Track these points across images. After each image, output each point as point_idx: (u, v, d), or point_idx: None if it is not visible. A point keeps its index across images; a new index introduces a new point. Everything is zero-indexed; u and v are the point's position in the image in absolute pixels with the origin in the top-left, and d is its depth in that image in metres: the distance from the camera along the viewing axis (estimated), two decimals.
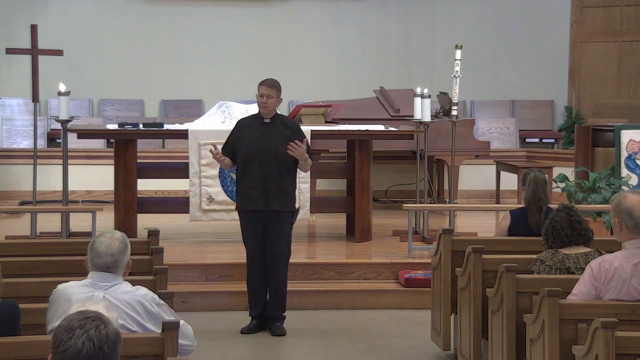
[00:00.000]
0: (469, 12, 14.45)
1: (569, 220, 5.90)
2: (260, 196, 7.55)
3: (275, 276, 7.67)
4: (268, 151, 7.57)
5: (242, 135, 7.68)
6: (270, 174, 7.56)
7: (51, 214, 10.20)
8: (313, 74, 14.15)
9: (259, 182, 7.55)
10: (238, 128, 7.80)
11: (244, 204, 7.67)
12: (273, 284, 7.69)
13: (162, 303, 4.74)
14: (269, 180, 7.56)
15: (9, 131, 13.44)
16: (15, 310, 4.51)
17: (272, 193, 7.56)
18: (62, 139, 9.62)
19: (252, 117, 7.86)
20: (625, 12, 13.80)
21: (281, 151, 7.55)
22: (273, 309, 7.71)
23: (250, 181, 7.58)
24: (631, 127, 10.20)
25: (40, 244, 6.88)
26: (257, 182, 7.55)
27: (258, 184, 7.55)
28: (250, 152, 7.60)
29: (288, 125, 7.74)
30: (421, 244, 9.70)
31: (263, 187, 7.55)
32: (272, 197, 7.56)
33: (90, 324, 3.07)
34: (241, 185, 7.67)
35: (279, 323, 7.68)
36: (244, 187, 7.63)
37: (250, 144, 7.62)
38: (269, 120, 7.68)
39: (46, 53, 9.97)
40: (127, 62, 14.05)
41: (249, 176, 7.59)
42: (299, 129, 7.81)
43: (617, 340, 4.56)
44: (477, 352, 6.40)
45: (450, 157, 10.39)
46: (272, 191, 7.56)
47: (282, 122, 7.74)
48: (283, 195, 7.61)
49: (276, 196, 7.57)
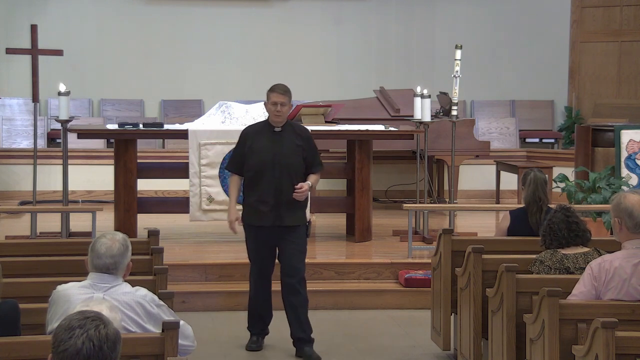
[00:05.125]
0: (469, 12, 14.45)
1: (567, 221, 5.90)
2: (271, 211, 7.02)
3: (298, 294, 7.14)
4: (280, 163, 7.02)
5: (252, 145, 7.09)
6: (283, 187, 7.01)
7: (51, 214, 10.20)
8: (313, 74, 14.14)
9: (270, 196, 7.03)
10: (246, 138, 7.16)
11: (251, 218, 7.13)
12: (298, 302, 7.13)
13: (162, 304, 4.74)
14: (281, 193, 7.01)
15: (9, 131, 13.44)
16: (16, 310, 4.51)
17: (284, 207, 7.02)
18: (62, 139, 9.62)
19: (260, 125, 7.24)
20: (625, 12, 13.80)
21: (294, 163, 7.05)
22: (303, 331, 7.15)
23: (261, 195, 7.04)
24: (631, 127, 10.20)
25: (40, 244, 6.88)
26: (268, 196, 7.03)
27: (269, 198, 7.02)
28: (261, 163, 7.03)
29: (299, 133, 7.17)
30: (421, 244, 9.69)
31: (274, 202, 7.01)
32: (284, 212, 7.03)
33: (90, 323, 3.07)
34: (249, 197, 7.12)
35: (309, 347, 7.13)
36: (252, 200, 7.08)
37: (261, 154, 7.06)
38: (279, 128, 7.10)
39: (46, 53, 9.97)
40: (127, 62, 14.05)
41: (259, 189, 7.05)
42: (310, 138, 7.24)
43: (617, 340, 4.56)
44: (477, 352, 6.40)
45: (450, 157, 10.39)
46: (283, 206, 7.02)
47: (293, 130, 7.17)
48: (295, 209, 7.08)
49: (288, 210, 7.04)
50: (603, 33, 13.91)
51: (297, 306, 7.14)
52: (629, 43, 13.75)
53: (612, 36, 13.86)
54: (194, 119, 11.07)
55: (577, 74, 14.15)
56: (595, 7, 13.95)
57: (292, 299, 7.14)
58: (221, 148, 9.56)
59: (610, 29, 13.87)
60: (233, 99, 11.25)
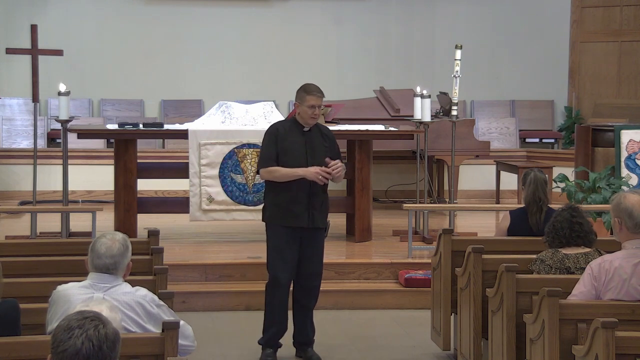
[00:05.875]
0: (469, 12, 14.45)
1: (570, 221, 5.90)
2: (305, 212, 6.89)
3: (313, 298, 7.09)
4: (313, 163, 6.88)
5: (284, 145, 6.93)
6: (316, 188, 6.90)
7: (51, 214, 10.20)
8: (313, 74, 14.12)
9: (304, 196, 6.88)
10: (277, 137, 6.97)
11: (285, 219, 6.91)
12: (311, 304, 7.09)
13: (162, 304, 4.75)
14: (315, 194, 6.91)
15: (9, 131, 13.44)
16: (16, 310, 4.51)
17: (317, 208, 6.92)
18: (62, 139, 9.63)
19: (288, 124, 7.10)
20: (625, 12, 13.80)
21: (324, 164, 6.91)
22: (309, 334, 7.13)
23: (295, 195, 6.87)
24: (631, 127, 10.20)
25: (40, 244, 6.88)
26: (302, 196, 6.88)
27: (303, 198, 6.88)
28: (296, 163, 6.87)
29: (325, 133, 7.09)
30: (421, 244, 9.69)
31: (308, 202, 6.89)
32: (317, 212, 6.92)
33: (89, 323, 3.07)
34: (279, 197, 6.91)
35: (310, 347, 7.11)
36: (284, 200, 6.89)
37: (296, 154, 6.92)
38: (308, 128, 7.01)
39: (46, 53, 9.97)
40: (127, 62, 14.05)
41: (293, 189, 6.87)
42: (334, 139, 7.15)
43: (617, 340, 4.56)
44: (477, 352, 6.40)
45: (450, 157, 10.39)
46: (316, 206, 6.92)
47: (320, 130, 7.08)
48: (325, 210, 7.01)
49: (320, 212, 6.95)
50: (603, 33, 13.91)
51: (310, 310, 7.12)
52: (629, 43, 13.75)
53: (612, 36, 13.86)
54: (194, 119, 11.07)
55: (577, 74, 14.15)
56: (595, 7, 13.95)
57: (308, 303, 7.08)
58: (221, 148, 9.56)
59: (610, 29, 13.87)
60: (233, 99, 11.24)
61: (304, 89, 7.05)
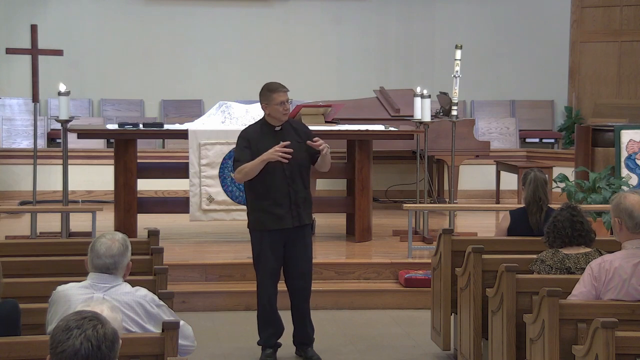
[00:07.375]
0: (469, 12, 14.45)
1: (571, 220, 5.90)
2: (288, 212, 6.85)
3: (306, 296, 7.04)
4: (290, 162, 6.80)
5: (257, 147, 6.83)
6: (296, 186, 6.86)
7: (51, 214, 10.20)
8: (313, 74, 14.14)
9: (285, 197, 6.84)
10: (250, 141, 6.90)
11: (270, 223, 6.86)
12: (305, 303, 7.05)
13: (162, 304, 4.75)
14: (296, 192, 6.86)
15: (9, 131, 13.44)
16: (16, 310, 4.51)
17: (301, 206, 6.88)
18: (62, 139, 9.63)
19: (258, 126, 7.02)
20: (625, 12, 13.80)
21: (301, 160, 6.88)
22: (308, 333, 7.12)
23: (275, 198, 6.83)
24: (631, 127, 10.20)
25: (40, 244, 6.87)
26: (283, 197, 6.84)
27: (284, 199, 6.84)
28: (273, 165, 6.78)
29: (297, 128, 7.04)
30: (421, 244, 9.70)
31: (290, 202, 6.84)
32: (302, 210, 6.88)
33: (88, 323, 3.07)
34: (262, 202, 6.86)
35: (310, 347, 7.11)
36: (266, 204, 6.85)
37: None
38: (279, 127, 6.94)
39: (46, 53, 9.97)
40: (127, 62, 14.05)
41: (273, 192, 6.83)
42: (308, 130, 7.12)
43: (617, 340, 4.56)
44: (477, 352, 6.40)
45: (450, 157, 10.39)
46: (300, 204, 6.87)
47: (291, 126, 7.01)
48: (308, 206, 6.95)
49: (304, 209, 6.90)
50: (603, 33, 13.91)
51: (307, 311, 7.09)
52: (628, 43, 13.75)
53: (612, 36, 13.86)
54: (194, 119, 11.07)
55: (577, 74, 14.15)
56: (595, 7, 13.95)
57: (302, 303, 7.06)
58: (221, 148, 9.56)
59: (610, 29, 13.87)
60: (233, 99, 11.24)
61: (268, 88, 6.98)
